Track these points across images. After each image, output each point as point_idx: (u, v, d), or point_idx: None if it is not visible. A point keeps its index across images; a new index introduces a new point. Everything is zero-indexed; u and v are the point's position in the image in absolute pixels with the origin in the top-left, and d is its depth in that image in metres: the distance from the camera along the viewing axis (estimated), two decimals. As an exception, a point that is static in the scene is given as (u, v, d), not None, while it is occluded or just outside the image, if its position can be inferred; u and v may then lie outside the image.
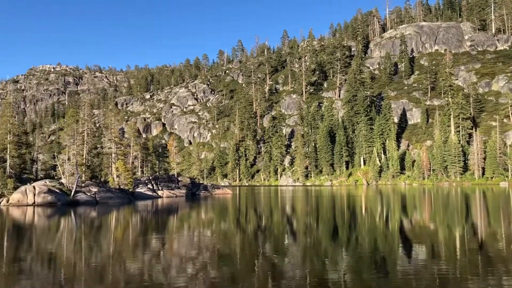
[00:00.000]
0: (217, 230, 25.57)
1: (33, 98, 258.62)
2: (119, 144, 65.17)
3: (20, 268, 14.75)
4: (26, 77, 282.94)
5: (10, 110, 64.75)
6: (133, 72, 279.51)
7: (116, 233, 24.80)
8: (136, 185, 60.30)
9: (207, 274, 13.58)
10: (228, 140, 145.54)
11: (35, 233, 25.22)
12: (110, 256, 17.13)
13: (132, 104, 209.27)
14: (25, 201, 45.36)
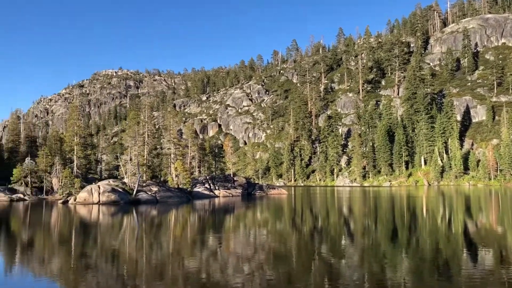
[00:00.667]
0: (272, 230, 25.65)
1: (97, 101, 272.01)
2: (178, 145, 67.06)
3: (87, 263, 15.58)
4: (91, 81, 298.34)
5: (77, 113, 68.56)
6: (190, 74, 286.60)
7: (175, 231, 25.55)
8: (194, 185, 61.79)
9: (263, 274, 13.66)
10: (282, 140, 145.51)
11: (100, 230, 26.52)
12: (170, 254, 17.66)
13: (189, 106, 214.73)
14: (91, 199, 47.80)
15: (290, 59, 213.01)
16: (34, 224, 30.82)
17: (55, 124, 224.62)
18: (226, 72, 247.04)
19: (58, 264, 15.70)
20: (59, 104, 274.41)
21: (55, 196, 59.83)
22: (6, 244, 20.95)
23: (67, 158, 67.33)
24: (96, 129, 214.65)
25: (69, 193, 54.67)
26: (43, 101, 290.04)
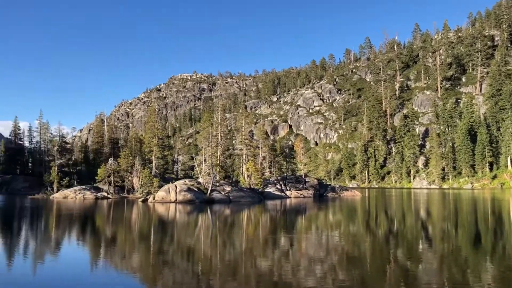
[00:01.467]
0: (346, 232, 25.14)
1: (173, 104, 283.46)
2: (249, 145, 68.04)
3: (164, 259, 16.25)
4: (167, 85, 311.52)
5: (155, 116, 71.99)
6: (260, 76, 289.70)
7: (248, 230, 25.90)
8: (265, 185, 62.29)
9: (336, 276, 13.41)
10: (355, 140, 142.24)
11: (176, 228, 27.58)
12: (243, 253, 17.92)
13: (260, 107, 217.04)
14: (168, 198, 49.91)
15: (363, 57, 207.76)
16: (116, 220, 32.79)
17: (135, 126, 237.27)
18: (297, 72, 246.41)
19: (138, 260, 16.54)
20: (139, 107, 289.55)
21: (136, 194, 63.21)
22: (92, 239, 22.46)
23: (146, 158, 70.82)
24: (173, 131, 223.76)
25: (148, 192, 57.49)
26: (124, 105, 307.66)
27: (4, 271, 14.15)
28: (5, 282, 12.45)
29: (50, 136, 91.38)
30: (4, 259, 16.47)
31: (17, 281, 12.70)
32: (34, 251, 18.36)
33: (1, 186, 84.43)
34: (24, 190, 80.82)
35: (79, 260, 16.57)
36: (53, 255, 17.50)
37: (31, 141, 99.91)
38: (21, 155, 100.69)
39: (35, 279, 13.01)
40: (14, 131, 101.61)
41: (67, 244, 20.89)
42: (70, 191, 62.91)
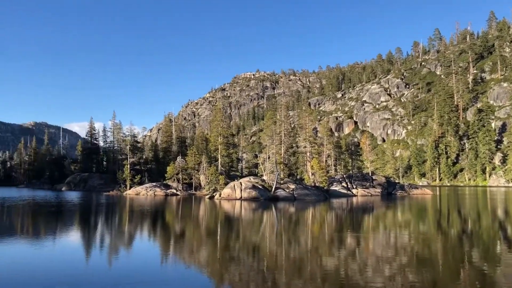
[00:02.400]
0: (416, 231, 24.17)
1: (237, 103, 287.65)
2: (313, 143, 67.45)
3: (231, 255, 16.54)
4: (231, 84, 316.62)
5: (220, 115, 73.43)
6: (324, 72, 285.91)
7: (313, 228, 25.70)
8: (330, 183, 61.48)
9: (406, 278, 12.92)
10: (425, 136, 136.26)
11: (242, 225, 27.99)
12: (308, 251, 17.81)
13: (324, 104, 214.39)
14: (234, 195, 50.79)
15: (432, 50, 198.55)
16: (185, 216, 33.90)
17: (201, 125, 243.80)
18: (362, 67, 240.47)
19: (205, 255, 16.97)
20: (204, 107, 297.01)
21: (203, 191, 64.99)
22: (162, 234, 23.38)
23: (212, 156, 72.51)
24: (237, 129, 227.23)
25: (215, 189, 58.87)
26: (191, 105, 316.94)
27: (83, 263, 15.12)
28: (84, 273, 13.30)
29: (122, 136, 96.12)
30: (83, 251, 17.62)
31: (94, 272, 13.51)
32: (110, 245, 19.43)
33: (79, 183, 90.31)
34: (99, 187, 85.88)
35: (150, 254, 17.32)
36: (127, 249, 18.43)
37: (106, 141, 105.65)
38: (97, 154, 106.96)
39: (111, 272, 13.77)
40: (90, 131, 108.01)
41: (139, 238, 21.90)
42: (142, 188, 66.00)
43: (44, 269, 13.84)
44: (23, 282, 12.02)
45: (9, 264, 14.58)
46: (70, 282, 11.96)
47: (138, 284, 11.83)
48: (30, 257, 15.88)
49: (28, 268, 13.89)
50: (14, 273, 13.18)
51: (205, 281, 12.97)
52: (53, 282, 11.94)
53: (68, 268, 14.09)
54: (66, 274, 13.06)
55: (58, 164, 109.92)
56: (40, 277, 12.53)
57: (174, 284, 12.03)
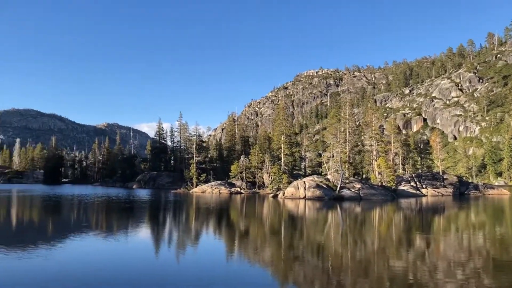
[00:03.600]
0: (491, 234, 22.69)
1: (300, 101, 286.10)
2: (380, 141, 65.52)
3: (295, 254, 16.44)
4: (294, 83, 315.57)
5: (283, 114, 73.39)
6: (391, 68, 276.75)
7: (380, 229, 24.94)
8: (398, 183, 59.40)
9: (480, 282, 12.13)
10: (501, 133, 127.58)
11: (306, 224, 27.77)
12: (374, 252, 17.29)
13: (390, 101, 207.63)
14: (297, 194, 50.56)
15: (509, 41, 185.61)
16: (249, 215, 34.24)
17: (263, 124, 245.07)
18: (431, 62, 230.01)
19: (269, 253, 17.00)
20: (266, 106, 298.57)
21: (266, 190, 65.32)
22: (227, 231, 23.75)
23: (275, 155, 72.67)
24: (300, 128, 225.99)
25: (278, 187, 58.97)
26: (253, 104, 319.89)
27: (153, 257, 15.72)
28: (152, 267, 13.81)
29: (188, 136, 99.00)
30: (152, 246, 18.34)
31: (163, 267, 13.99)
32: (178, 241, 20.05)
33: (149, 181, 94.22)
34: (167, 185, 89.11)
35: (215, 251, 17.66)
36: (194, 246, 18.92)
37: (173, 141, 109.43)
38: (165, 153, 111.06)
39: (179, 266, 14.19)
40: (158, 131, 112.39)
41: (205, 235, 22.41)
42: (207, 186, 67.60)
43: (113, 264, 14.54)
44: (93, 275, 12.69)
45: (82, 257, 15.48)
46: (139, 279, 12.47)
47: (204, 281, 12.08)
48: (102, 252, 16.75)
49: (99, 263, 14.65)
50: (85, 267, 13.97)
51: (270, 280, 12.99)
52: (121, 278, 12.50)
53: (139, 264, 14.70)
54: (136, 271, 13.63)
55: (129, 163, 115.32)
56: (108, 274, 13.16)
57: (239, 283, 12.16)
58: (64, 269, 13.22)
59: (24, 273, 12.63)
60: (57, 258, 15.09)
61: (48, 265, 13.78)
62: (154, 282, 11.78)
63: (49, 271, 12.98)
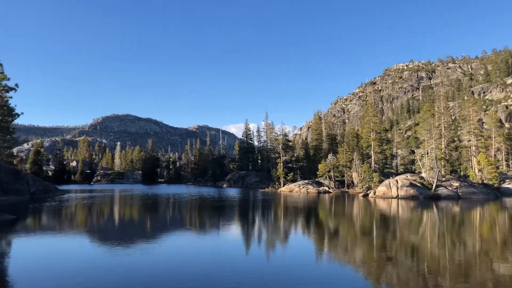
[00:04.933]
0: None
1: (389, 96, 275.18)
2: (479, 136, 60.79)
3: (387, 255, 15.69)
4: (382, 77, 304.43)
5: (371, 110, 71.04)
6: (490, 56, 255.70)
7: (482, 229, 23.06)
8: (502, 180, 54.62)
9: None
10: None
11: (399, 224, 26.49)
12: (476, 254, 15.98)
13: (490, 92, 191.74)
14: (389, 193, 48.59)
15: None
16: (338, 214, 33.55)
17: (351, 121, 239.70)
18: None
19: (360, 254, 16.42)
20: (354, 102, 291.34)
21: (355, 189, 63.68)
22: (316, 231, 23.42)
23: (365, 153, 70.57)
24: (390, 124, 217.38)
25: (368, 186, 57.18)
26: (339, 101, 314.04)
27: (242, 255, 15.94)
28: (243, 266, 13.97)
29: (275, 135, 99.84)
30: (243, 244, 18.62)
31: (255, 266, 14.09)
32: (267, 240, 20.16)
33: (238, 181, 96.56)
34: (255, 184, 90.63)
35: (304, 250, 17.46)
36: (282, 244, 18.88)
37: (260, 140, 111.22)
38: (252, 153, 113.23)
39: (269, 265, 14.21)
40: (245, 132, 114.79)
41: (294, 234, 22.30)
42: (295, 185, 67.56)
43: (205, 261, 14.94)
44: (184, 273, 13.11)
45: (177, 254, 16.13)
46: (227, 276, 12.66)
47: (293, 282, 11.95)
48: (195, 248, 17.34)
49: (190, 259, 15.15)
50: (179, 263, 14.51)
51: (361, 281, 12.49)
52: (211, 275, 12.78)
53: (228, 261, 14.98)
54: (225, 269, 13.88)
55: (219, 163, 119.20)
56: (201, 271, 13.53)
57: (328, 284, 11.84)
58: (162, 265, 13.86)
59: (126, 268, 13.44)
60: (156, 252, 15.91)
61: (147, 260, 14.55)
62: (244, 280, 11.88)
63: (148, 266, 13.69)
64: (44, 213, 33.05)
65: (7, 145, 56.88)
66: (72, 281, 11.59)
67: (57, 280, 11.69)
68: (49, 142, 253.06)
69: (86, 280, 11.69)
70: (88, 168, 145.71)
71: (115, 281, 11.58)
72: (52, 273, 12.54)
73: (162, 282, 11.45)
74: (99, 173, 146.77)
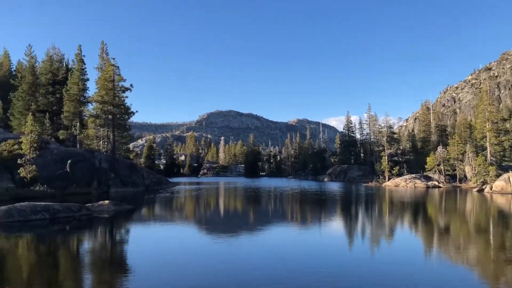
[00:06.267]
0: None
1: (507, 83, 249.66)
2: None
3: (507, 257, 14.23)
4: (499, 62, 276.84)
5: (487, 98, 65.29)
6: None
7: None
8: None
9: None
10: None
11: (521, 223, 23.97)
12: None
13: None
14: (509, 188, 44.42)
15: None
16: (449, 210, 31.37)
17: (462, 111, 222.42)
18: None
19: (475, 254, 15.11)
20: (466, 91, 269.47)
21: (469, 183, 59.12)
22: (424, 228, 22.09)
23: (479, 145, 65.23)
24: (508, 113, 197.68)
25: (484, 181, 52.80)
26: (449, 90, 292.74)
27: (346, 251, 15.59)
28: (344, 262, 13.64)
29: (378, 128, 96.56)
30: (345, 240, 18.22)
31: (357, 263, 13.70)
32: (371, 235, 19.50)
33: (339, 175, 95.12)
34: (358, 178, 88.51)
35: (412, 248, 16.53)
36: (388, 240, 18.11)
37: (362, 133, 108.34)
38: (354, 146, 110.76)
39: (373, 262, 13.71)
40: (346, 125, 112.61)
41: (400, 230, 21.28)
42: (401, 179, 64.66)
43: (308, 255, 14.85)
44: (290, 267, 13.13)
45: (279, 246, 16.28)
46: (325, 271, 12.46)
47: (401, 282, 11.39)
48: (299, 242, 17.36)
49: (291, 253, 15.17)
50: (275, 256, 14.60)
51: (476, 283, 11.45)
52: (313, 269, 12.64)
53: (328, 256, 14.74)
54: (323, 263, 13.67)
55: (319, 157, 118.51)
56: (304, 265, 13.47)
57: (440, 284, 11.04)
58: (269, 255, 14.10)
59: (233, 257, 13.92)
60: (260, 243, 16.25)
61: (253, 251, 14.92)
62: (346, 278, 11.60)
63: (255, 256, 14.01)
64: (158, 203, 35.62)
65: (124, 141, 62.29)
66: (185, 266, 12.28)
67: (170, 266, 12.47)
68: (160, 138, 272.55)
69: (198, 267, 12.30)
70: (195, 161, 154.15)
71: (225, 270, 12.02)
72: (165, 260, 13.42)
73: (276, 273, 11.61)
74: (205, 167, 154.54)
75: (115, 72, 55.32)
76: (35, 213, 21.55)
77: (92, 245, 16.36)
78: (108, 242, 17.18)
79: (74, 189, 42.34)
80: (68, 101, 60.02)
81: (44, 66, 68.32)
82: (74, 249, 15.73)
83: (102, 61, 63.40)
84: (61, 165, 43.37)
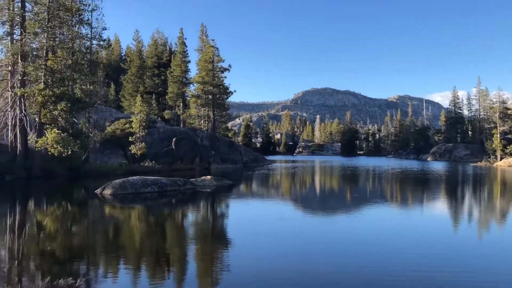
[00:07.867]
0: None
1: None
2: None
3: None
4: None
5: None
6: None
7: None
8: None
9: None
10: None
11: None
12: None
13: None
14: None
15: None
16: None
17: None
18: None
19: None
20: None
21: None
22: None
23: None
24: None
25: None
26: None
27: (450, 234, 14.62)
28: (448, 245, 12.78)
29: (489, 103, 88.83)
30: (450, 222, 17.10)
31: (461, 247, 12.80)
32: (479, 219, 18.09)
33: (444, 154, 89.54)
34: (465, 158, 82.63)
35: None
36: (499, 224, 16.64)
37: (470, 109, 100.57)
38: (461, 123, 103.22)
39: (480, 246, 12.70)
40: (453, 100, 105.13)
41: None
42: (515, 159, 59.02)
43: (410, 236, 14.19)
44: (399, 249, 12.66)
45: (379, 227, 15.77)
46: (437, 255, 11.76)
47: (507, 276, 10.41)
48: (397, 224, 16.69)
49: (397, 234, 14.58)
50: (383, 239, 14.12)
51: None
52: (414, 254, 12.03)
53: (433, 240, 13.94)
54: (432, 246, 12.94)
55: (422, 135, 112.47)
56: (402, 248, 12.90)
57: None
58: (371, 236, 13.78)
59: (333, 238, 13.82)
60: (358, 226, 15.92)
61: (350, 233, 14.68)
62: (451, 262, 10.86)
63: (353, 238, 13.79)
64: (255, 179, 36.58)
65: (223, 120, 64.57)
66: (282, 243, 12.47)
67: (268, 239, 12.73)
68: (256, 117, 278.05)
69: (295, 245, 12.40)
70: (291, 140, 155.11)
71: (323, 248, 11.98)
72: (263, 234, 13.73)
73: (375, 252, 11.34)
74: (301, 145, 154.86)
75: (214, 53, 57.24)
76: (146, 186, 23.32)
77: (195, 217, 17.30)
78: (210, 215, 18.05)
79: (179, 165, 45.17)
80: (172, 83, 63.58)
81: (150, 50, 72.98)
82: (180, 220, 16.77)
83: (202, 43, 65.91)
84: (167, 142, 46.41)
